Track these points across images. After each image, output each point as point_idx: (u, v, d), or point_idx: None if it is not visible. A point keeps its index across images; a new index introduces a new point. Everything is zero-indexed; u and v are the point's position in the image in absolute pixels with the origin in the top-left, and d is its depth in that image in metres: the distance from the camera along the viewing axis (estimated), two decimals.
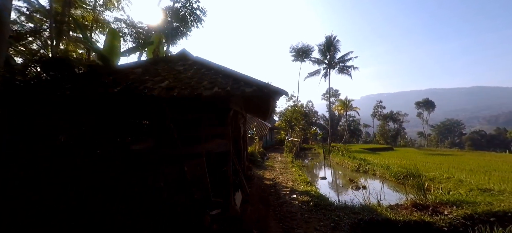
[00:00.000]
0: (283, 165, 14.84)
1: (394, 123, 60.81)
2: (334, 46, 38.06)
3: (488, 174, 11.45)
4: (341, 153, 18.02)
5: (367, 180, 12.50)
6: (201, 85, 4.77)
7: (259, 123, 27.59)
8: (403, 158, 20.64)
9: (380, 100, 63.22)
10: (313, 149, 31.64)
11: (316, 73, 40.43)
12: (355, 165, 14.52)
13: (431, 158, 21.59)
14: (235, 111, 7.17)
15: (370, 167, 13.56)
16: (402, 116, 61.60)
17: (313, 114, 53.14)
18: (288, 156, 19.02)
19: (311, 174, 14.51)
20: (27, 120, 3.42)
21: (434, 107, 65.30)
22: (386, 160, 18.34)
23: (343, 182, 11.89)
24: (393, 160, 18.95)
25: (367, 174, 13.44)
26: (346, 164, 16.22)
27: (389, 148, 38.38)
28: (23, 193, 2.87)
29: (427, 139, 72.93)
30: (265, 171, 13.02)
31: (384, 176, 11.97)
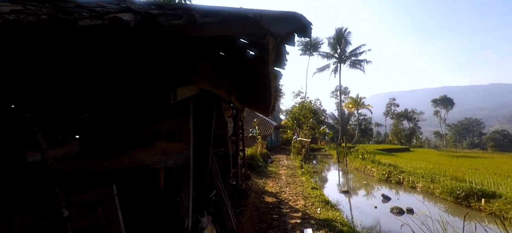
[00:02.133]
0: (290, 171, 12.02)
1: (408, 121, 56.77)
2: (345, 38, 34.86)
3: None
4: (361, 156, 15.03)
5: (398, 191, 9.54)
6: None
7: (262, 121, 24.77)
8: (425, 161, 18.20)
9: (393, 98, 59.25)
10: (323, 150, 28.64)
11: (325, 68, 37.33)
12: (383, 172, 11.52)
13: (458, 161, 19.21)
14: (212, 96, 4.46)
15: (405, 177, 10.53)
16: (417, 114, 57.50)
17: (321, 112, 49.87)
18: (296, 159, 16.17)
19: (325, 183, 11.60)
20: None
21: (452, 105, 60.86)
22: (409, 163, 15.34)
23: (371, 198, 8.94)
24: (415, 162, 15.99)
25: (401, 185, 10.44)
26: (369, 170, 13.19)
27: (405, 149, 35.12)
28: None
29: (443, 139, 68.40)
30: (267, 180, 10.23)
31: (429, 191, 8.95)
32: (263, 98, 6.71)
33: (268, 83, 3.94)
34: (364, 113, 52.19)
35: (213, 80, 3.94)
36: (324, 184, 11.32)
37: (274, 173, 11.61)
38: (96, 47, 2.04)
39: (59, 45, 1.87)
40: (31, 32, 1.54)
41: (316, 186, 8.83)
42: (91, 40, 1.88)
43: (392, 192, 9.46)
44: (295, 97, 32.28)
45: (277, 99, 6.57)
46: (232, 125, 5.87)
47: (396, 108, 58.05)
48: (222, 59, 3.75)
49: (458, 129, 72.80)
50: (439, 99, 61.96)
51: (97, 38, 1.88)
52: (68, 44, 1.88)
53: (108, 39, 1.97)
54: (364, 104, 45.49)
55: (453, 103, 62.41)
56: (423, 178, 9.70)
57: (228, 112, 5.36)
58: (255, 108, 9.72)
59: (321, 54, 37.08)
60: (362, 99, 45.64)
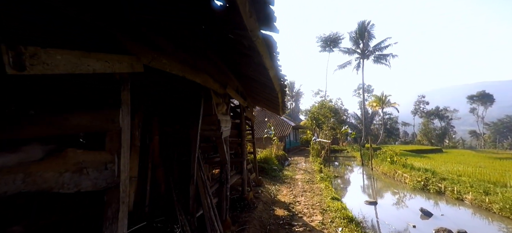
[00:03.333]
0: (307, 176, 10.53)
1: (440, 120, 51.21)
2: (368, 32, 32.06)
3: None
4: (390, 159, 12.95)
5: (438, 203, 7.62)
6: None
7: (279, 121, 23.32)
8: (463, 163, 15.72)
9: (422, 95, 53.98)
10: (345, 151, 26.36)
11: (347, 65, 34.75)
12: (418, 179, 9.50)
13: (503, 164, 16.18)
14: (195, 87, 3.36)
15: (448, 185, 8.50)
16: (450, 112, 51.70)
17: (343, 112, 46.85)
18: (315, 162, 14.55)
19: (348, 191, 9.94)
20: None
21: (492, 101, 53.84)
22: (444, 166, 12.98)
23: (406, 212, 7.19)
24: (451, 165, 13.57)
25: (442, 196, 8.45)
26: (400, 176, 11.18)
27: (437, 150, 31.47)
28: None
29: (481, 139, 60.86)
30: (281, 186, 8.90)
31: (484, 206, 6.96)
32: (268, 90, 5.45)
33: (260, 62, 2.69)
34: (389, 112, 48.13)
35: (185, 61, 2.78)
36: (346, 191, 9.67)
37: (290, 178, 10.22)
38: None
39: None
40: None
41: (337, 196, 7.30)
42: None
43: (433, 205, 7.57)
44: (315, 96, 30.28)
45: (283, 90, 5.26)
46: (230, 124, 4.68)
47: (425, 106, 52.78)
48: (198, 33, 2.59)
49: (498, 127, 64.54)
50: (476, 95, 55.19)
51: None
52: None
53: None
54: (390, 102, 41.78)
55: (492, 100, 55.14)
56: (473, 188, 7.66)
57: (221, 108, 4.18)
58: (264, 105, 8.47)
59: (342, 50, 34.56)
60: (387, 97, 41.97)
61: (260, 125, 21.55)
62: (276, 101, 6.51)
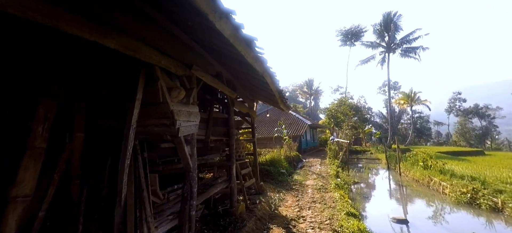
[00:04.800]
0: (320, 182, 8.90)
1: (480, 119, 44.99)
2: (394, 23, 28.80)
3: None
4: (423, 163, 10.66)
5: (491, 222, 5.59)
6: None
7: (294, 119, 21.58)
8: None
9: (458, 92, 48.00)
10: (368, 152, 23.75)
11: (370, 60, 31.73)
12: (463, 190, 7.36)
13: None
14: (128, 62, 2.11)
15: (508, 200, 6.33)
16: (492, 111, 45.18)
17: (366, 111, 43.21)
18: (331, 165, 12.74)
19: (369, 202, 8.14)
20: None
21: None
22: (490, 172, 10.34)
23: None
24: (499, 171, 10.82)
25: (500, 214, 6.32)
26: (437, 184, 9.01)
27: (478, 152, 27.31)
28: None
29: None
30: (287, 194, 7.43)
31: None
32: (254, 76, 4.10)
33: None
34: (419, 110, 43.38)
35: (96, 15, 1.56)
36: (367, 202, 7.88)
37: (299, 184, 8.69)
38: None
39: None
40: None
41: (354, 210, 5.66)
42: None
43: (490, 229, 5.57)
44: (334, 93, 27.89)
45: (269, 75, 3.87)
46: (197, 118, 3.41)
47: (462, 104, 46.82)
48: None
49: None
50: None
51: None
52: None
53: None
54: (420, 99, 37.52)
55: None
56: None
57: (178, 95, 2.91)
58: (264, 99, 7.07)
59: (365, 44, 31.54)
60: (416, 94, 37.74)
61: (273, 123, 20.09)
62: (272, 93, 5.10)
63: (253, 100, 7.52)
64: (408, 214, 6.95)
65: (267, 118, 21.88)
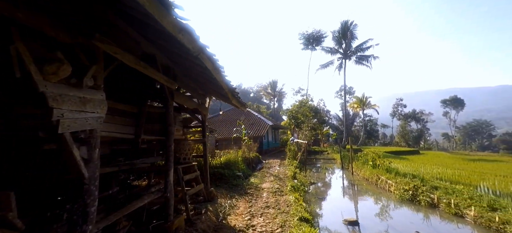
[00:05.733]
0: (277, 184, 8.54)
1: (417, 123, 52.02)
2: (351, 32, 31.03)
3: None
4: (372, 163, 11.31)
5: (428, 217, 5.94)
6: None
7: (256, 120, 21.28)
8: (441, 165, 15.17)
9: (400, 98, 54.65)
10: (326, 152, 24.90)
11: (329, 65, 33.59)
12: (406, 187, 7.82)
13: (477, 165, 16.53)
14: None
15: (442, 196, 6.82)
16: (426, 115, 52.70)
17: (324, 113, 45.88)
18: (290, 165, 12.65)
19: (324, 203, 8.07)
20: None
21: (463, 105, 55.74)
22: (423, 168, 12.08)
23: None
24: (430, 167, 12.83)
25: (436, 209, 6.76)
26: (383, 182, 9.51)
27: (414, 152, 31.41)
28: None
29: (452, 141, 63.20)
30: (239, 199, 6.79)
31: (493, 226, 5.28)
32: (197, 63, 3.35)
33: None
34: (369, 114, 47.93)
35: None
36: (321, 204, 7.78)
37: (255, 187, 8.15)
38: None
39: None
40: None
41: (307, 215, 5.32)
42: None
43: (429, 225, 5.83)
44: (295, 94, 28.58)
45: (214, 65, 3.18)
46: (100, 109, 2.49)
47: (403, 109, 53.43)
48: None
49: (467, 130, 67.80)
50: (449, 100, 56.91)
51: None
52: None
53: None
54: (370, 104, 41.40)
55: (463, 104, 57.19)
56: (474, 201, 6.05)
57: (59, 71, 1.97)
58: (213, 93, 6.31)
59: (325, 49, 33.30)
60: (368, 99, 41.55)
61: (233, 123, 19.39)
62: (220, 86, 4.38)
63: (204, 95, 6.69)
64: (359, 212, 7.03)
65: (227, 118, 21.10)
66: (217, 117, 22.70)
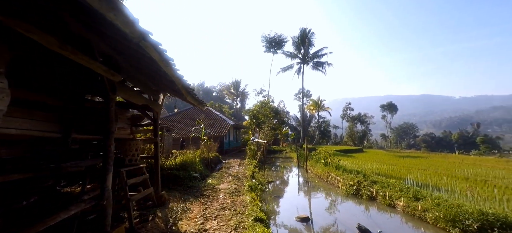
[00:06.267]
0: (235, 184, 8.38)
1: (361, 124, 58.57)
2: (309, 39, 33.03)
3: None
4: (324, 161, 12.17)
5: (368, 209, 6.64)
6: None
7: (216, 119, 20.79)
8: (380, 161, 17.39)
9: (348, 102, 60.71)
10: (284, 152, 25.90)
11: (289, 68, 35.07)
12: (351, 183, 8.59)
13: (405, 161, 19.10)
14: None
15: (379, 190, 7.69)
16: (369, 118, 59.76)
17: (284, 114, 47.85)
18: (249, 165, 12.66)
19: (280, 201, 8.24)
20: None
21: (396, 110, 65.07)
22: (366, 164, 13.88)
23: (342, 229, 5.75)
24: (371, 163, 14.84)
25: (375, 202, 7.56)
26: (333, 179, 10.26)
27: (359, 150, 35.12)
28: None
29: (388, 141, 73.28)
30: (194, 202, 6.40)
31: (416, 214, 6.12)
32: (143, 53, 2.94)
33: None
34: (323, 116, 51.92)
35: None
36: (278, 202, 7.94)
37: (212, 189, 7.83)
38: None
39: None
40: None
41: (262, 215, 5.31)
42: None
43: (369, 216, 6.45)
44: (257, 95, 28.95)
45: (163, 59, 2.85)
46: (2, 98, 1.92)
47: (351, 112, 59.46)
48: None
49: (398, 131, 79.43)
50: (386, 105, 65.69)
51: None
52: None
53: None
54: (324, 106, 44.83)
55: (396, 109, 66.83)
56: (403, 192, 6.99)
57: None
58: (166, 88, 5.81)
59: (285, 53, 34.69)
60: (322, 102, 44.89)
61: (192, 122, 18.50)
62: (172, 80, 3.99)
63: (157, 91, 6.09)
64: (312, 208, 7.40)
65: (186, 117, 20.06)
66: (176, 116, 21.35)
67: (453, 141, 71.68)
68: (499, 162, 22.26)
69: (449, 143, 71.41)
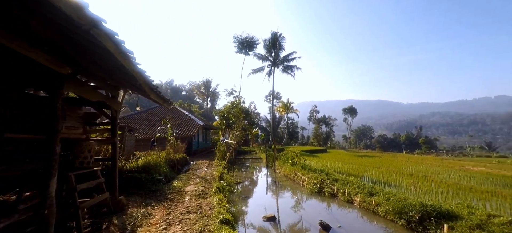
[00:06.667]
0: (202, 186, 8.12)
1: (326, 126, 62.37)
2: (279, 43, 33.91)
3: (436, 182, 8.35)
4: (291, 161, 12.60)
5: (330, 205, 7.10)
6: None
7: (184, 118, 19.97)
8: (341, 161, 18.64)
9: (315, 105, 64.13)
10: (254, 152, 26.10)
11: (260, 70, 35.49)
12: (315, 181, 9.04)
13: (363, 160, 20.74)
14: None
15: (340, 187, 8.23)
16: (332, 120, 63.95)
17: (255, 115, 48.32)
18: (218, 166, 12.42)
19: (248, 202, 8.25)
20: None
21: (356, 114, 70.86)
22: (329, 164, 14.77)
23: (306, 227, 5.99)
24: (333, 163, 15.88)
25: (336, 199, 8.07)
26: (299, 178, 10.67)
27: (323, 150, 37.25)
28: None
29: (348, 141, 79.45)
30: (157, 206, 6.00)
31: (370, 208, 6.68)
32: (98, 44, 2.63)
33: None
34: (292, 117, 53.83)
35: None
36: (246, 203, 7.93)
37: (177, 192, 7.44)
38: None
39: None
40: None
41: (229, 217, 5.22)
42: None
43: (330, 212, 6.85)
44: (228, 96, 28.63)
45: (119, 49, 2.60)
46: None
47: (317, 114, 62.89)
48: None
49: (357, 133, 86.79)
50: (347, 108, 71.14)
51: None
52: None
53: None
54: (293, 108, 46.49)
55: (356, 112, 72.94)
56: (360, 189, 7.61)
57: None
58: (127, 84, 5.36)
59: (257, 55, 35.04)
60: (291, 104, 46.50)
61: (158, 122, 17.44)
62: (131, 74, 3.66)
63: (116, 87, 5.55)
64: (279, 207, 7.57)
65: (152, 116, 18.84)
66: (140, 115, 19.85)
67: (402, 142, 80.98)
68: (435, 160, 25.82)
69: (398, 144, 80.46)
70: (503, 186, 9.35)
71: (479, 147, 58.86)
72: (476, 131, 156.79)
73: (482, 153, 47.29)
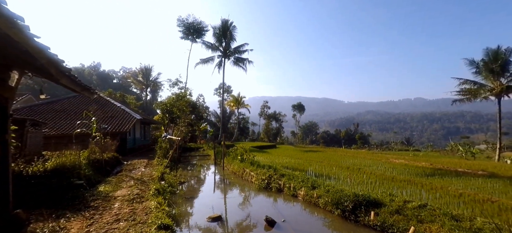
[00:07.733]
0: (137, 189, 7.38)
1: (276, 122, 65.84)
2: (230, 32, 33.57)
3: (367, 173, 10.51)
4: (241, 157, 12.74)
5: (276, 200, 7.60)
6: None
7: (115, 111, 17.72)
8: (289, 156, 19.92)
9: (266, 101, 66.71)
10: (202, 149, 25.34)
11: (209, 61, 34.44)
12: (263, 177, 9.41)
13: (308, 155, 22.35)
14: None
15: (286, 182, 8.80)
16: (282, 116, 67.97)
17: (204, 109, 46.80)
18: (159, 165, 11.52)
19: (193, 202, 7.98)
20: None
21: (304, 110, 77.18)
22: (277, 159, 15.76)
23: (253, 224, 6.18)
24: (282, 158, 17.01)
25: (282, 194, 8.59)
26: (247, 175, 10.91)
27: (273, 146, 39.24)
28: None
29: (296, 137, 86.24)
30: (75, 217, 5.14)
31: (312, 201, 7.38)
32: None
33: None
34: (243, 112, 54.57)
35: None
36: (190, 204, 7.63)
37: (103, 198, 6.52)
38: None
39: None
40: None
41: (169, 221, 4.91)
42: None
43: (276, 207, 7.27)
44: (172, 87, 26.69)
45: None
46: None
47: (268, 110, 65.65)
48: None
49: (304, 129, 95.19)
50: (296, 105, 76.82)
51: None
52: None
53: None
54: (244, 103, 47.10)
55: (304, 109, 79.64)
56: (304, 183, 8.34)
57: None
58: (19, 63, 4.35)
59: (206, 44, 33.77)
60: (242, 98, 46.99)
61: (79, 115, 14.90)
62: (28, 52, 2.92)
63: (7, 67, 4.37)
64: (227, 205, 7.58)
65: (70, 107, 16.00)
66: (50, 105, 16.48)
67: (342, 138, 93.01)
68: (368, 153, 30.63)
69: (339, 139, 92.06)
70: (416, 175, 11.82)
71: (400, 142, 73.19)
72: (400, 128, 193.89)
73: (402, 147, 58.95)
